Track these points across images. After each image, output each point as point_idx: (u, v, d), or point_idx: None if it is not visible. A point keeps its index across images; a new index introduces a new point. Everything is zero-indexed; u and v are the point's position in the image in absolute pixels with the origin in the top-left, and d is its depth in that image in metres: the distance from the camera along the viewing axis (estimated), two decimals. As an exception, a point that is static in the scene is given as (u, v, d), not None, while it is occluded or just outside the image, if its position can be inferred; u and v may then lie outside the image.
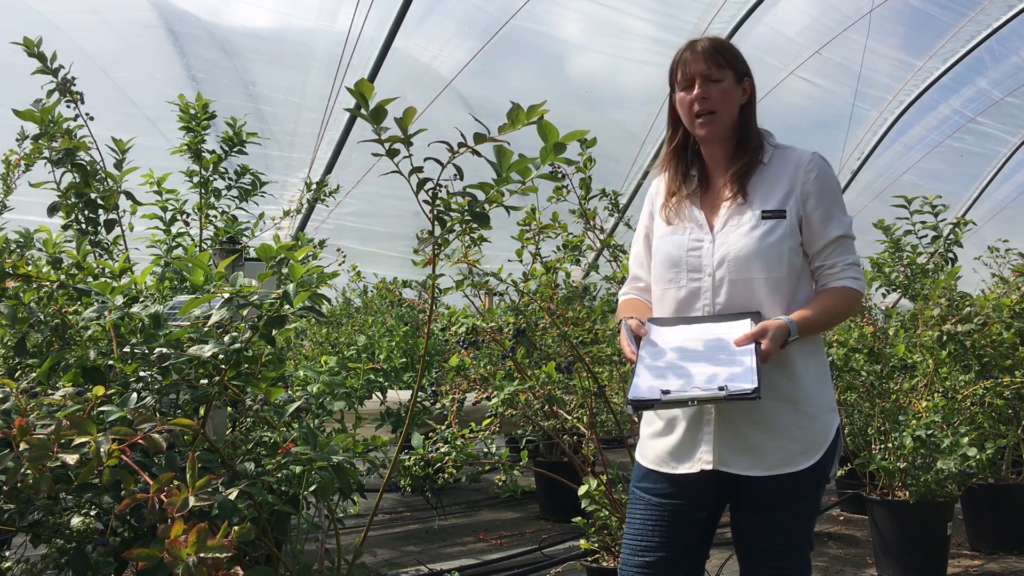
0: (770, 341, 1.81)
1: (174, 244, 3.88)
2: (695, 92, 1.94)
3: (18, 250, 3.02)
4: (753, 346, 1.81)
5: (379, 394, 4.16)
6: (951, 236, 4.75)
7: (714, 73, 1.94)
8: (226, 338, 1.81)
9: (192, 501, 1.40)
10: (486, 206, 1.91)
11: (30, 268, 2.10)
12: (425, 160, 1.84)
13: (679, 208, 2.03)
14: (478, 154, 1.81)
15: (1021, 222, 11.16)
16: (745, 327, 1.85)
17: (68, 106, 3.04)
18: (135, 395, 1.74)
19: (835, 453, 1.98)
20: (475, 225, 1.93)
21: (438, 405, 3.76)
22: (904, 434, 3.73)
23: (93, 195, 2.86)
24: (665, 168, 2.07)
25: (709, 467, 1.91)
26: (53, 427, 1.46)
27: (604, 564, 3.22)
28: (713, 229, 1.97)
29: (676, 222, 2.02)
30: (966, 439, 3.72)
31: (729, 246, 1.93)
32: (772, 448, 1.89)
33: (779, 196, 1.95)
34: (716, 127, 1.96)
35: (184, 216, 3.89)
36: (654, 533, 1.97)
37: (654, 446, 2.01)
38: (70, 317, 2.16)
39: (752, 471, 1.90)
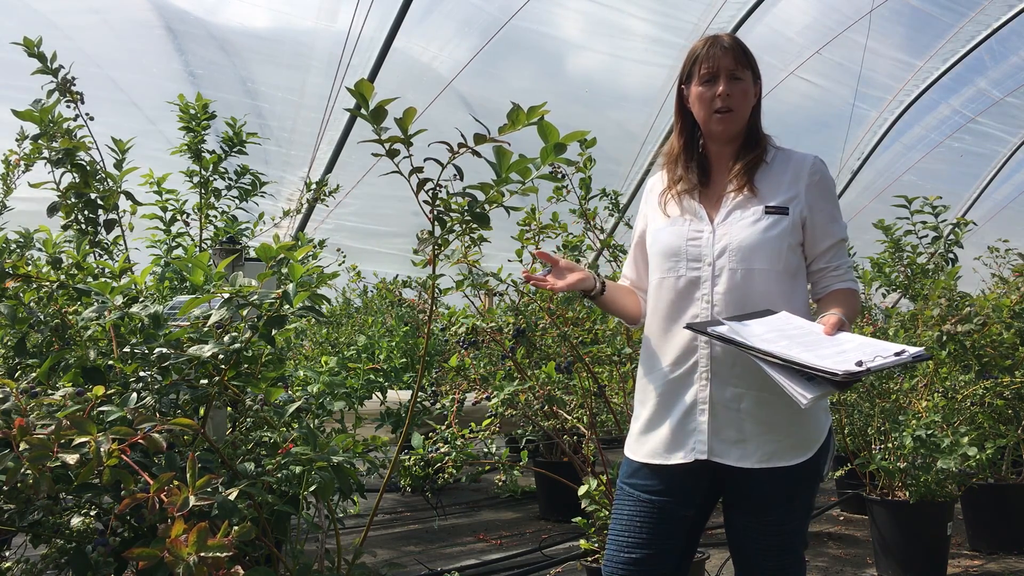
0: (848, 331, 1.84)
1: (174, 244, 3.88)
2: (720, 88, 1.94)
3: (18, 250, 3.02)
4: (847, 332, 1.81)
5: (379, 394, 4.16)
6: (951, 236, 4.75)
7: (738, 71, 1.95)
8: (226, 338, 1.82)
9: (192, 501, 1.40)
10: (486, 206, 1.92)
11: (30, 268, 2.10)
12: (425, 160, 1.84)
13: (679, 201, 2.03)
14: (478, 154, 1.81)
15: (1021, 222, 11.15)
16: (794, 318, 1.86)
17: (68, 106, 3.04)
18: (135, 395, 1.74)
19: (828, 452, 1.98)
20: (475, 225, 1.93)
21: (438, 405, 3.76)
22: (904, 434, 3.74)
23: (93, 195, 2.86)
24: (671, 160, 2.08)
25: (703, 456, 1.91)
26: (53, 427, 1.46)
27: (604, 564, 3.21)
28: (713, 221, 1.98)
29: (675, 214, 2.02)
30: (966, 439, 3.72)
31: (731, 236, 1.94)
32: (765, 441, 1.89)
33: (782, 195, 1.96)
34: (732, 125, 1.97)
35: (184, 216, 3.88)
36: (641, 530, 1.97)
37: (645, 440, 2.00)
38: (70, 317, 2.16)
39: (743, 462, 1.89)
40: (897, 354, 1.68)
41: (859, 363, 1.64)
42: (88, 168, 2.86)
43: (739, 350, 1.76)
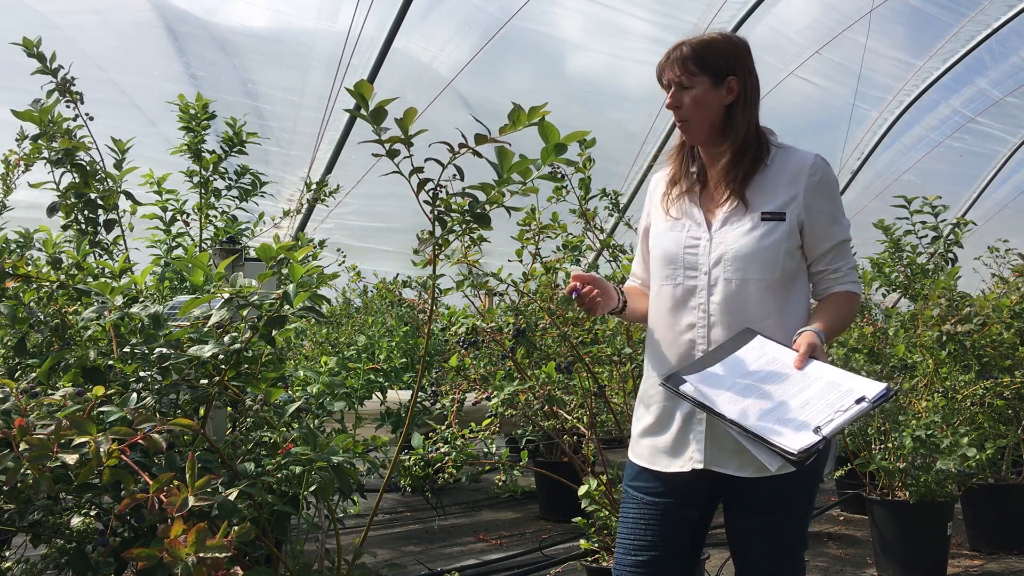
0: (821, 354, 1.84)
1: (174, 244, 3.88)
2: (668, 100, 1.98)
3: (18, 250, 3.03)
4: (817, 362, 1.82)
5: (379, 394, 4.16)
6: (951, 236, 4.75)
7: (685, 80, 1.93)
8: (226, 338, 1.82)
9: (192, 501, 1.40)
10: (487, 207, 1.92)
11: (30, 268, 2.10)
12: (425, 161, 1.84)
13: (679, 202, 2.03)
14: (478, 155, 1.81)
15: (1021, 222, 11.14)
16: (768, 346, 1.86)
17: (68, 106, 3.04)
18: (135, 395, 1.74)
19: (828, 454, 1.97)
20: (475, 225, 1.94)
21: (438, 405, 3.76)
22: (904, 434, 3.73)
23: (93, 195, 2.86)
24: (671, 160, 2.09)
25: (700, 466, 1.91)
26: (53, 427, 1.46)
27: (604, 564, 3.21)
28: (711, 227, 1.97)
29: (675, 217, 2.02)
30: (966, 439, 3.72)
31: (727, 245, 1.93)
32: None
33: (780, 199, 1.93)
34: (692, 135, 1.98)
35: (184, 216, 3.88)
36: (647, 532, 1.97)
37: (646, 444, 2.01)
38: (70, 317, 2.16)
39: (742, 472, 1.89)
40: (858, 401, 1.71)
41: (817, 429, 1.68)
42: (88, 168, 2.86)
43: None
